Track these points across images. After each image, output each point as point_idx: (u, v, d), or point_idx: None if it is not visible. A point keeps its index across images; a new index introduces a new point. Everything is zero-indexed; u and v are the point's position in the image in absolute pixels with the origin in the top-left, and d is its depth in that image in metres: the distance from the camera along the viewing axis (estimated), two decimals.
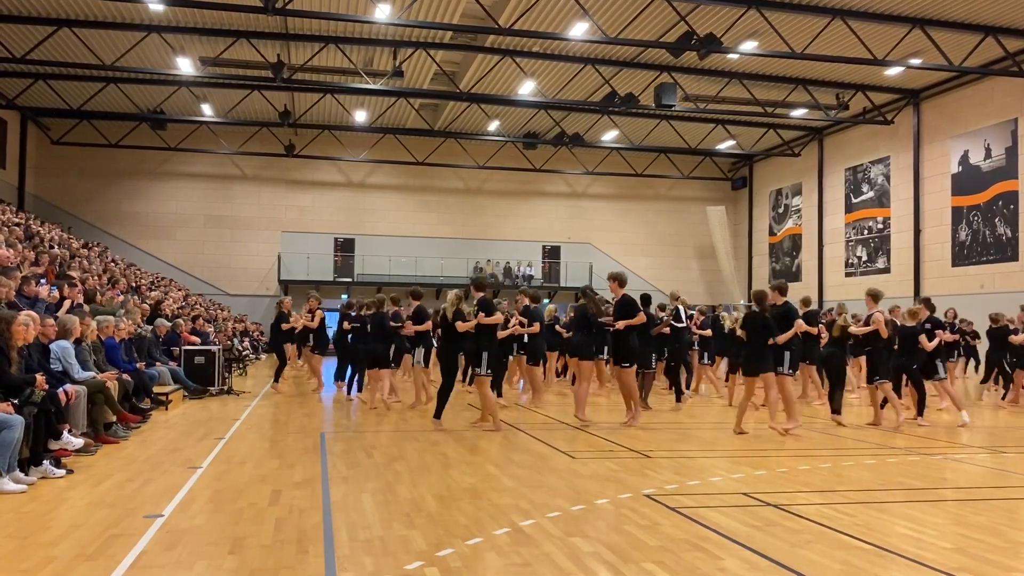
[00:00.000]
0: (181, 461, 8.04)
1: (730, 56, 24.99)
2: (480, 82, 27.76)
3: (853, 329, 11.79)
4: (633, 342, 11.22)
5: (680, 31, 22.55)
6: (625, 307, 11.21)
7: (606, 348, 13.09)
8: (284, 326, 16.06)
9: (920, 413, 12.08)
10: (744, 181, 40.03)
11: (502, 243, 38.36)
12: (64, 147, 33.38)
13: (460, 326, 10.54)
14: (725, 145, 35.41)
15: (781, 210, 37.60)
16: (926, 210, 29.07)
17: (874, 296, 11.87)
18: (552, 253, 39.28)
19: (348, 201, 37.40)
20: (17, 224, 19.50)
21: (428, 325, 13.39)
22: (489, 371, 10.71)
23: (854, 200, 32.71)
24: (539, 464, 8.33)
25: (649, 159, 37.27)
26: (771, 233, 38.22)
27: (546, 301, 22.83)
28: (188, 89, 29.21)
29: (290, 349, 17.58)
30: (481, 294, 10.83)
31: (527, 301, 13.68)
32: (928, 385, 12.52)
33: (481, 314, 10.47)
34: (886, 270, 30.72)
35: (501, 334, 11.75)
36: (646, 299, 12.93)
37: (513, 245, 38.48)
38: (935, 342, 12.09)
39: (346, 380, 15.22)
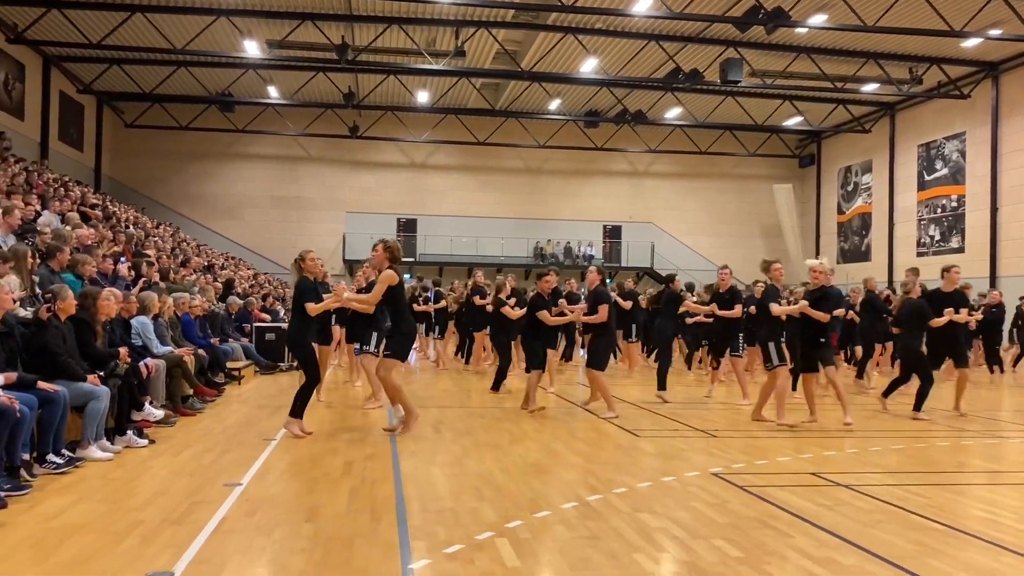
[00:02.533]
0: (256, 433, 8.30)
1: (798, 30, 24.35)
2: (542, 60, 27.63)
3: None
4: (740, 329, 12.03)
5: (747, 5, 22.06)
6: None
7: (634, 328, 16.18)
8: (478, 301, 15.07)
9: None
10: (812, 158, 39.09)
11: (562, 223, 38.25)
12: (137, 130, 34.38)
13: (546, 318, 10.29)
14: (792, 122, 34.61)
15: (850, 188, 36.66)
16: (1004, 188, 27.99)
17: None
18: (613, 233, 39.02)
19: (410, 182, 37.73)
20: (95, 205, 20.20)
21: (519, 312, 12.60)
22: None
23: (927, 177, 31.69)
24: (603, 441, 8.37)
25: (713, 136, 36.66)
26: (839, 212, 37.31)
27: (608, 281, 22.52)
28: (255, 72, 29.76)
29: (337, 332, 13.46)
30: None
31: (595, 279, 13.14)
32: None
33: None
34: (960, 250, 29.73)
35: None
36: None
37: (574, 225, 38.34)
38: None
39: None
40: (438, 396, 12.18)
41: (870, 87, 29.14)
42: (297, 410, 8.05)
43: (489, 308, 14.03)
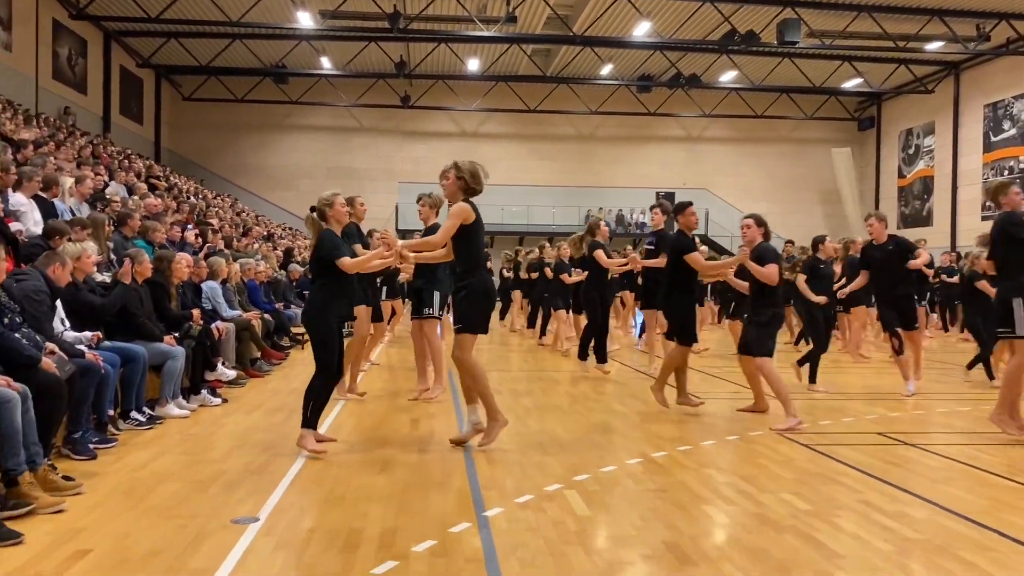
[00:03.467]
0: None
1: None
2: (594, 25, 27.29)
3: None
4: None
5: None
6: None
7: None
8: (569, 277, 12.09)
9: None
10: (872, 121, 38.04)
11: (615, 190, 37.92)
12: (194, 103, 34.96)
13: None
14: (852, 83, 33.68)
15: (911, 151, 35.63)
16: None
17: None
18: (667, 200, 38.60)
19: (461, 151, 37.71)
20: (158, 176, 20.70)
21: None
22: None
23: (994, 139, 30.61)
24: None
25: (770, 100, 35.86)
26: (900, 175, 36.32)
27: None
28: (308, 43, 29.97)
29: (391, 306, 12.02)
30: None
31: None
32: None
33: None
34: None
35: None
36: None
37: (626, 192, 37.98)
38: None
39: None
40: (494, 360, 12.30)
41: (934, 46, 28.17)
42: (310, 418, 5.73)
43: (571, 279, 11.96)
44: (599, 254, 10.08)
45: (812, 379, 9.24)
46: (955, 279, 15.53)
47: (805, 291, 9.38)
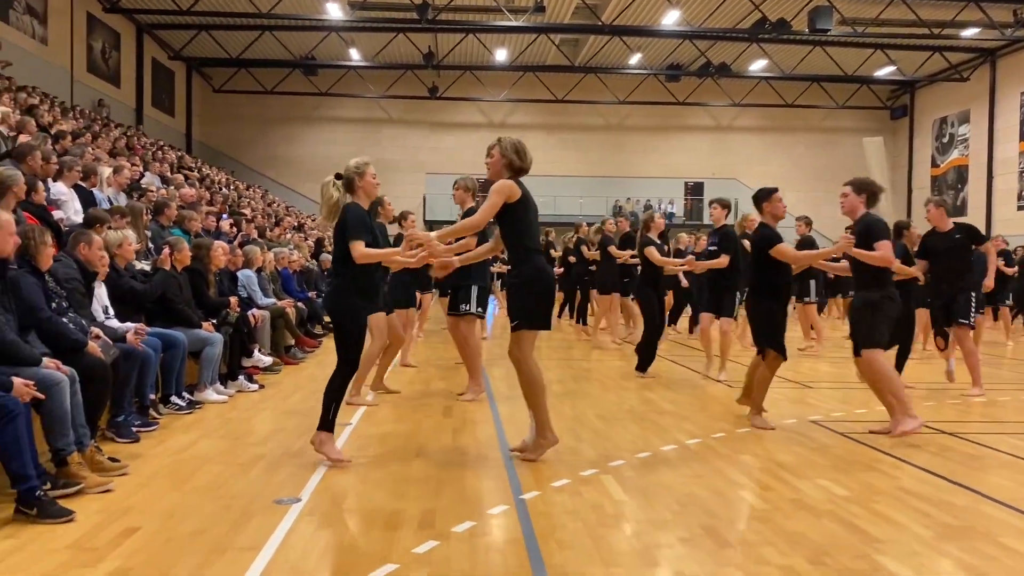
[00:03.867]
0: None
1: None
2: (622, 14, 27.15)
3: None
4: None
5: None
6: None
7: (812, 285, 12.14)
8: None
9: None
10: (904, 110, 37.50)
11: (642, 180, 37.74)
12: (224, 95, 35.27)
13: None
14: (884, 71, 33.21)
15: (945, 140, 35.09)
16: None
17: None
18: (695, 190, 38.35)
19: (488, 141, 37.50)
20: (190, 168, 20.95)
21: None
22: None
23: None
24: (696, 391, 8.39)
25: (800, 88, 35.48)
26: (933, 165, 35.78)
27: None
28: (338, 34, 30.11)
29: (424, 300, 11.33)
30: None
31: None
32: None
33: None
34: None
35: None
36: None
37: (654, 182, 37.78)
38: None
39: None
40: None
41: (970, 32, 27.69)
42: (328, 420, 5.10)
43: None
44: (651, 251, 9.29)
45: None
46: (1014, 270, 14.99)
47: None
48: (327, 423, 5.07)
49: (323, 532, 3.85)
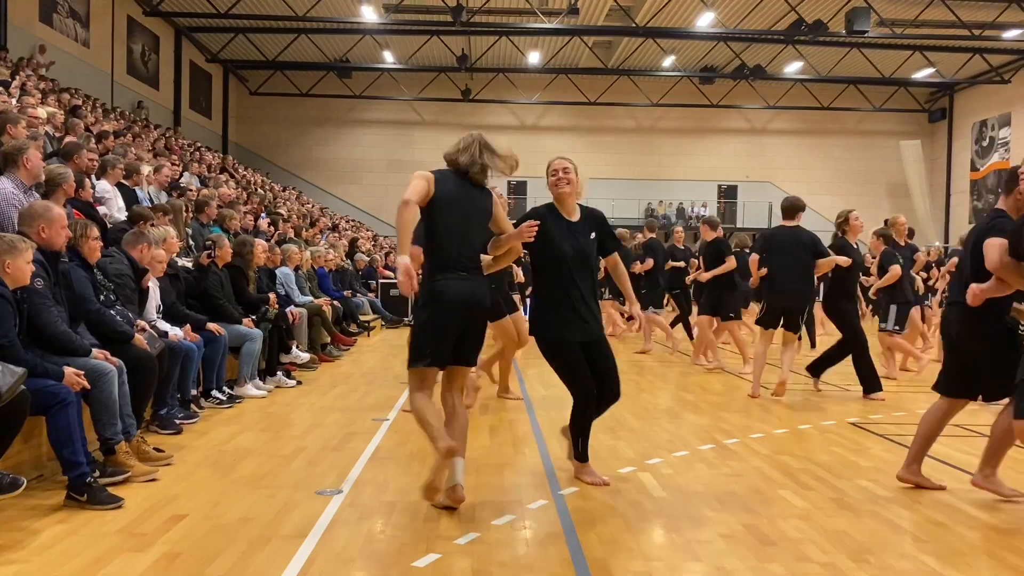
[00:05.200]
0: (393, 377, 8.68)
1: None
2: (656, 16, 27.07)
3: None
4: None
5: None
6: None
7: None
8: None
9: None
10: (943, 113, 36.93)
11: (675, 183, 37.57)
12: (260, 97, 35.72)
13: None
14: (923, 74, 32.75)
15: (985, 143, 34.50)
16: None
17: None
18: (728, 193, 38.09)
19: (521, 144, 37.62)
20: (226, 169, 21.24)
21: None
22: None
23: None
24: (733, 393, 8.34)
25: (837, 91, 35.10)
26: (973, 169, 35.20)
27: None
28: (372, 37, 30.36)
29: None
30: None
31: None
32: None
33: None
34: None
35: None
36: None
37: (687, 185, 37.60)
38: None
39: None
40: None
41: (1012, 33, 27.21)
42: (577, 451, 4.79)
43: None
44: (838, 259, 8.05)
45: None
46: None
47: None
48: (577, 454, 4.77)
49: (365, 522, 3.90)
